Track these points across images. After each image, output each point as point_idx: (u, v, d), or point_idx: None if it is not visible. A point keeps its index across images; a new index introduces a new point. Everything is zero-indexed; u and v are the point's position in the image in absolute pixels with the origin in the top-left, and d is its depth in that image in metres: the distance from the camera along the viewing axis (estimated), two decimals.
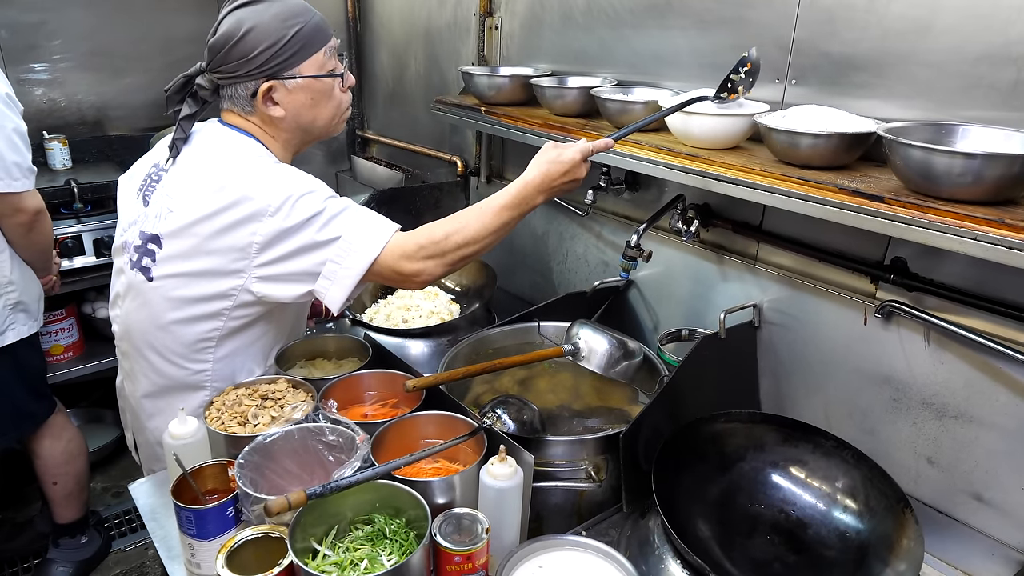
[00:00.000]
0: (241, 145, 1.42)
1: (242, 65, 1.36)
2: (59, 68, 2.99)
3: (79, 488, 2.39)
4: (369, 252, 1.31)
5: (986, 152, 1.06)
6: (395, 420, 1.30)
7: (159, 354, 1.46)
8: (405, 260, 1.33)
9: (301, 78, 1.39)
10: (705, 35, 1.66)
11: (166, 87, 1.43)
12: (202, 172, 1.38)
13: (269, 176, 1.35)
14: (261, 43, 1.34)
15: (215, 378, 1.48)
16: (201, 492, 1.21)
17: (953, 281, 1.32)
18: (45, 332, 2.57)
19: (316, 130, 1.49)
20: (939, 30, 1.25)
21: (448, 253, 1.35)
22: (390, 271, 1.34)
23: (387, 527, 1.11)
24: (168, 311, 1.41)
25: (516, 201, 1.39)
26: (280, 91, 1.40)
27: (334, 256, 1.32)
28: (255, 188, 1.32)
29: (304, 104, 1.42)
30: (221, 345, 1.45)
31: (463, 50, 2.52)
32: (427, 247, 1.34)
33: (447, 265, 1.37)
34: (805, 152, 1.30)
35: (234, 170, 1.36)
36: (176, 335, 1.43)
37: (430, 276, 1.36)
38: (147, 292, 1.42)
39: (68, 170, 2.90)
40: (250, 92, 1.40)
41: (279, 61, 1.36)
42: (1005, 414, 1.27)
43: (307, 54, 1.38)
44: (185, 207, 1.36)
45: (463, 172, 2.58)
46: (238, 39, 1.34)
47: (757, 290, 1.65)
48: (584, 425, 1.56)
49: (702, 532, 1.28)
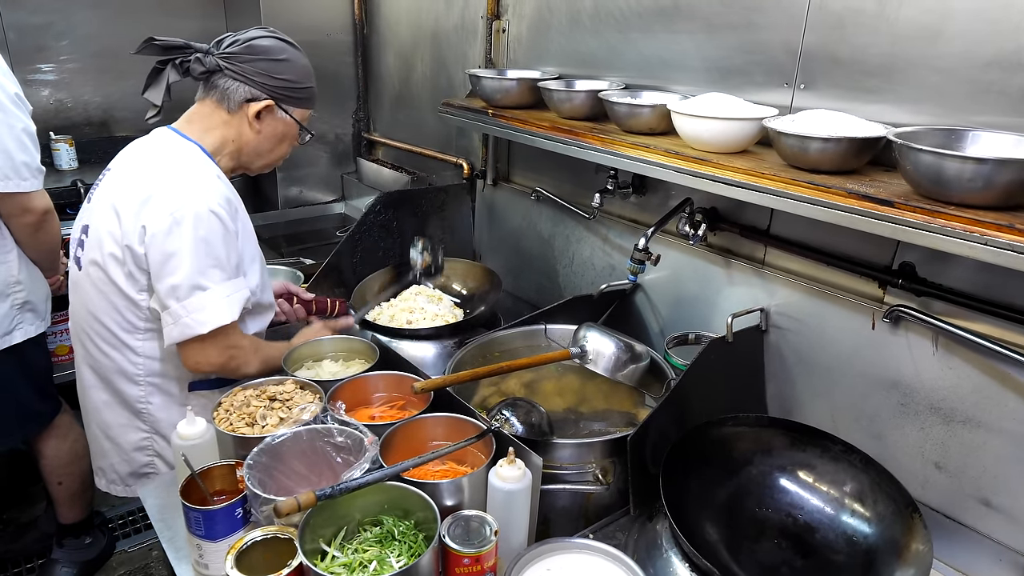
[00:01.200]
0: (187, 153, 1.51)
1: (263, 76, 1.52)
2: (66, 69, 3.01)
3: (83, 488, 2.39)
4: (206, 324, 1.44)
5: (997, 157, 1.06)
6: (403, 422, 1.31)
7: (91, 342, 1.58)
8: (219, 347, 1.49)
9: (290, 117, 1.59)
10: (713, 39, 1.67)
11: (158, 37, 1.49)
12: (141, 174, 1.49)
13: (172, 199, 1.43)
14: (288, 73, 1.55)
15: (146, 372, 1.58)
16: (209, 493, 1.21)
17: (961, 286, 1.32)
18: (51, 332, 2.56)
19: (259, 162, 1.65)
20: (949, 35, 1.25)
21: (245, 363, 1.54)
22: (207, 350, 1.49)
23: (396, 529, 1.11)
24: (93, 297, 1.54)
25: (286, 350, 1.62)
26: (271, 115, 1.57)
27: (177, 309, 1.44)
28: (156, 208, 1.42)
29: (275, 135, 1.60)
30: (148, 338, 1.55)
31: (470, 53, 2.53)
32: (242, 345, 1.53)
33: (231, 369, 1.54)
34: (814, 156, 1.30)
35: (169, 181, 1.45)
36: (102, 321, 1.54)
37: (220, 368, 1.53)
38: (79, 281, 1.57)
39: (74, 170, 2.91)
40: (247, 97, 1.53)
41: (288, 95, 1.57)
42: (1014, 419, 1.27)
43: (306, 104, 1.62)
44: (114, 197, 1.48)
45: (469, 175, 2.58)
46: (276, 58, 1.53)
47: (764, 294, 1.65)
48: (591, 428, 1.56)
49: (710, 536, 1.28)
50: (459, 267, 2.32)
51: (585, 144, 1.72)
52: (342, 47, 3.20)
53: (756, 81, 1.59)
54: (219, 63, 1.50)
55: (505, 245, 2.51)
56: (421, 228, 2.49)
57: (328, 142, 3.32)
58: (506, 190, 2.47)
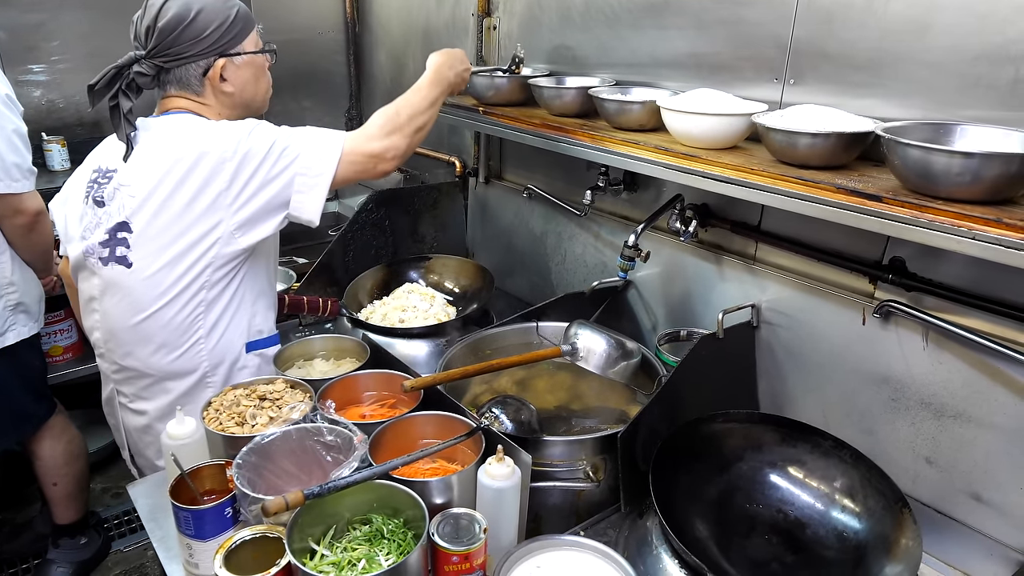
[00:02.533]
0: (184, 120, 1.48)
1: (195, 44, 1.45)
2: (57, 70, 2.99)
3: (79, 489, 2.39)
4: (332, 152, 1.42)
5: (984, 151, 1.06)
6: (393, 420, 1.31)
7: (151, 341, 1.48)
8: (372, 141, 1.47)
9: (245, 54, 1.52)
10: (703, 35, 1.66)
11: (92, 81, 1.44)
12: (155, 152, 1.44)
13: (215, 129, 1.43)
14: (212, 22, 1.46)
15: (209, 348, 1.51)
16: (199, 492, 1.21)
17: (951, 281, 1.32)
18: (45, 333, 2.57)
19: (255, 105, 1.60)
20: (937, 29, 1.25)
21: (405, 125, 1.51)
22: (361, 156, 1.45)
23: (385, 527, 1.11)
24: (152, 294, 1.45)
25: (436, 78, 1.62)
26: (230, 68, 1.51)
27: (301, 169, 1.42)
28: (207, 143, 1.40)
29: (248, 80, 1.55)
30: (208, 315, 1.49)
31: None
32: (386, 124, 1.48)
33: (407, 137, 1.51)
34: (803, 152, 1.30)
35: (184, 138, 1.43)
36: (164, 317, 1.46)
37: (397, 151, 1.49)
38: (128, 281, 1.46)
39: (67, 171, 2.89)
40: (201, 71, 1.49)
41: (228, 39, 1.49)
42: (1004, 414, 1.27)
43: (247, 32, 1.53)
44: (148, 187, 1.42)
45: (462, 173, 2.58)
46: (190, 20, 1.43)
47: (755, 290, 1.65)
48: (582, 425, 1.56)
49: (700, 532, 1.28)
50: (452, 264, 2.32)
51: (575, 141, 1.72)
52: (334, 45, 3.19)
53: (746, 77, 1.59)
54: (155, 63, 1.45)
55: (498, 243, 2.51)
56: (415, 226, 2.49)
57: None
58: (498, 188, 2.47)
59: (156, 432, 1.56)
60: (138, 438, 1.62)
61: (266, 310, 1.62)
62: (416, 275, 2.30)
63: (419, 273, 2.31)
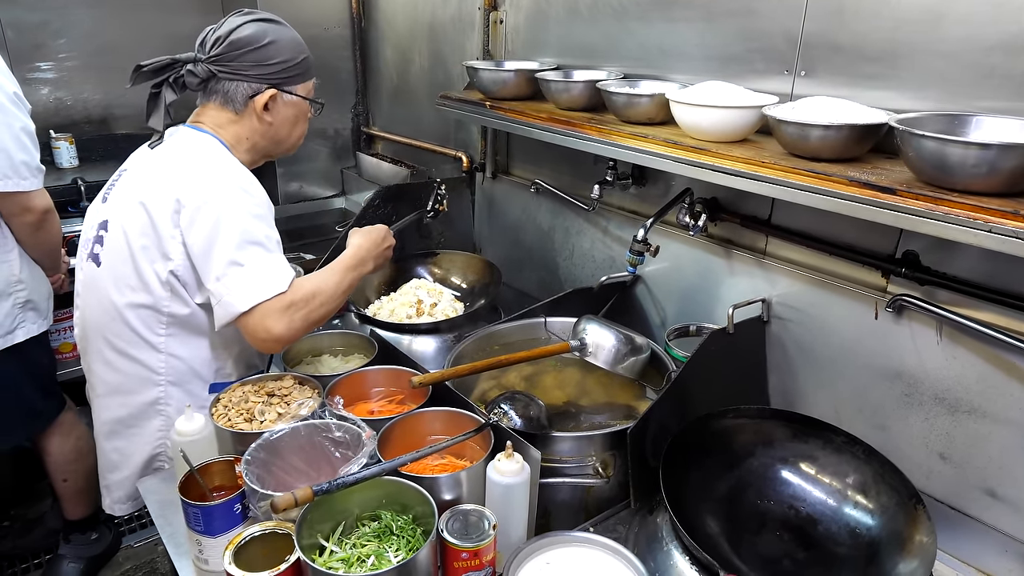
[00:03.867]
0: (207, 144, 1.49)
1: (257, 67, 1.48)
2: (65, 67, 3.00)
3: (89, 485, 2.39)
4: (245, 301, 1.36)
5: (1001, 142, 1.04)
6: (401, 416, 1.30)
7: (111, 345, 1.51)
8: (279, 319, 1.37)
9: (296, 96, 1.55)
10: (712, 27, 1.64)
11: (143, 63, 1.46)
12: (166, 166, 1.46)
13: (223, 180, 1.42)
14: (280, 54, 1.50)
15: (168, 372, 1.52)
16: (208, 488, 1.21)
17: (966, 274, 1.30)
18: (54, 330, 2.57)
19: (282, 147, 1.62)
20: (952, 19, 1.23)
21: (314, 312, 1.43)
22: (260, 328, 1.37)
23: (394, 523, 1.11)
24: (115, 295, 1.47)
25: (354, 262, 1.59)
26: (277, 101, 1.53)
27: (216, 291, 1.38)
28: (211, 183, 1.40)
29: (288, 120, 1.57)
30: (171, 336, 1.49)
31: (467, 45, 2.51)
32: (296, 303, 1.40)
33: (308, 325, 1.43)
34: (815, 144, 1.28)
35: (197, 167, 1.43)
36: (124, 321, 1.48)
37: (291, 337, 1.40)
38: (98, 278, 1.50)
39: (75, 168, 2.91)
40: (250, 93, 1.50)
41: (287, 75, 1.52)
42: (1020, 409, 1.25)
43: (306, 77, 1.58)
44: (130, 193, 1.45)
45: (469, 168, 2.57)
46: (262, 45, 1.47)
47: (766, 284, 1.63)
48: (591, 421, 1.55)
49: (711, 528, 1.27)
50: (459, 260, 2.31)
51: (583, 135, 1.71)
52: (340, 41, 3.19)
53: (756, 69, 1.57)
54: (210, 69, 1.47)
55: (505, 238, 2.50)
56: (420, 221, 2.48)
57: (328, 137, 3.30)
58: (505, 183, 2.46)
59: (101, 450, 1.63)
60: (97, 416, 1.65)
61: (240, 354, 1.60)
62: (423, 271, 2.30)
63: (426, 269, 2.30)
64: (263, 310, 1.36)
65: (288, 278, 1.39)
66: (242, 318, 1.37)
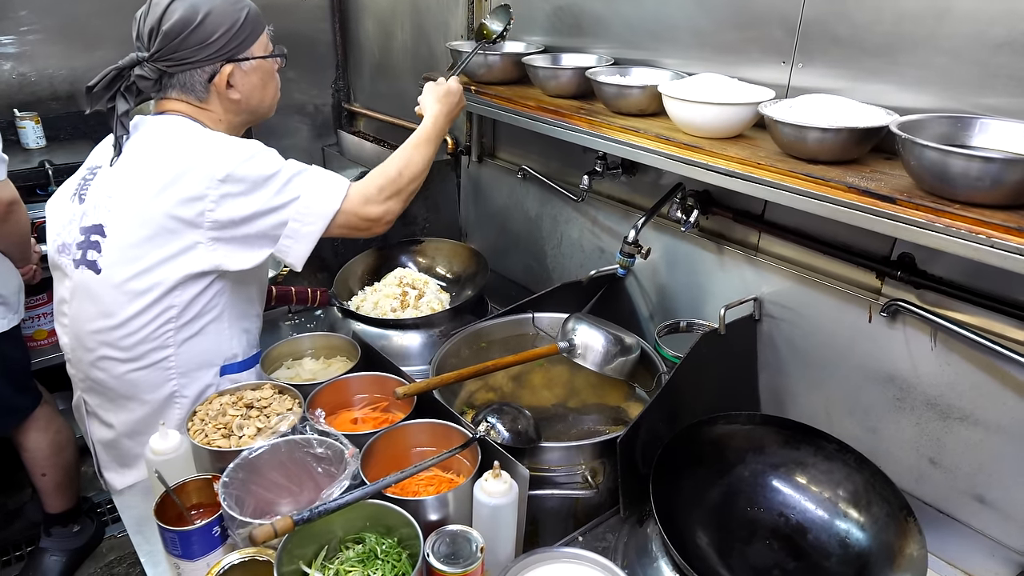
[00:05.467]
0: (183, 125, 1.41)
1: (202, 50, 1.37)
2: (28, 40, 2.84)
3: (69, 479, 2.36)
4: (330, 205, 1.38)
5: (1005, 156, 1.00)
6: (385, 430, 1.26)
7: (117, 350, 1.42)
8: (370, 205, 1.43)
9: (254, 59, 1.45)
10: (705, 11, 1.57)
11: (89, 83, 1.35)
12: (140, 156, 1.38)
13: (209, 143, 1.36)
14: (220, 26, 1.37)
15: (179, 365, 1.44)
16: (185, 508, 1.17)
17: (962, 280, 1.28)
18: (28, 318, 2.50)
19: (261, 111, 1.53)
20: (958, 15, 1.17)
21: (404, 189, 1.48)
22: (357, 218, 1.43)
23: (378, 547, 1.08)
24: (120, 301, 1.38)
25: (435, 133, 1.59)
26: (237, 74, 1.44)
27: (295, 215, 1.37)
28: (196, 158, 1.33)
29: (256, 86, 1.48)
30: (180, 330, 1.42)
31: (452, 21, 2.40)
32: (387, 188, 1.45)
33: (404, 201, 1.50)
34: (813, 146, 1.23)
35: (173, 147, 1.36)
36: (131, 327, 1.39)
37: (392, 216, 1.48)
38: (96, 287, 1.39)
39: (42, 149, 2.78)
40: (207, 77, 1.41)
41: (236, 44, 1.41)
42: (1012, 418, 1.24)
43: (256, 35, 1.45)
44: (126, 192, 1.36)
45: (454, 150, 2.49)
46: (197, 24, 1.35)
47: (757, 281, 1.60)
48: (580, 424, 1.52)
49: (701, 539, 1.26)
50: (445, 248, 2.26)
51: (572, 126, 1.64)
52: (318, 12, 3.05)
53: (752, 58, 1.51)
54: (159, 67, 1.37)
55: (491, 224, 2.44)
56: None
57: (307, 113, 3.19)
58: (492, 167, 2.39)
59: (123, 448, 1.53)
60: (103, 451, 1.57)
61: (244, 334, 1.54)
62: (407, 259, 2.24)
63: (411, 258, 2.24)
64: (352, 202, 1.39)
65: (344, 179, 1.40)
66: (338, 219, 1.38)
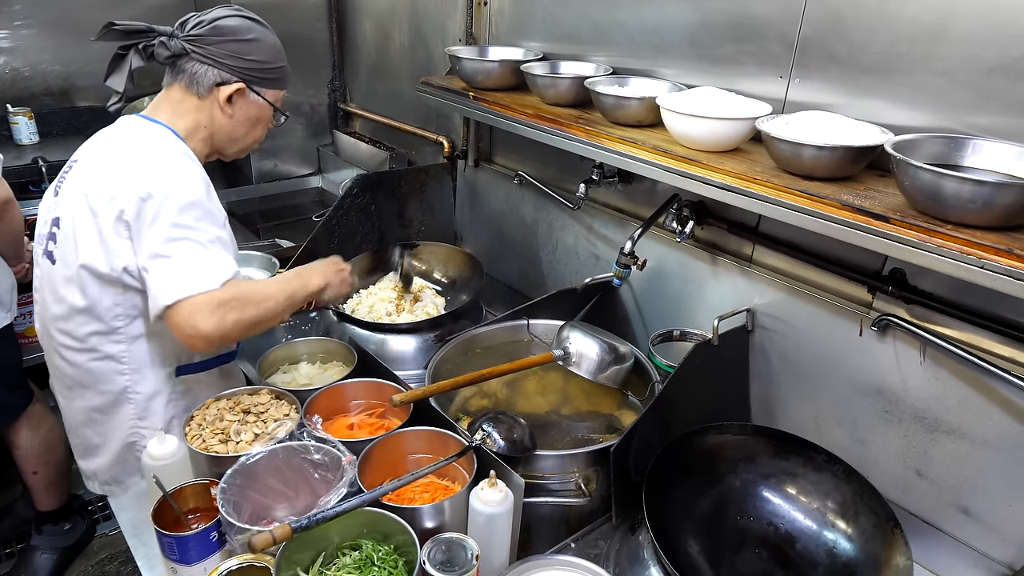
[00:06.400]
0: (157, 136, 1.43)
1: (231, 58, 1.44)
2: (21, 35, 2.83)
3: (60, 477, 2.35)
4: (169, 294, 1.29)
5: (997, 180, 1.03)
6: (382, 437, 1.28)
7: (72, 339, 1.47)
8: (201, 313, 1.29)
9: (263, 99, 1.52)
10: (704, 24, 1.59)
11: (118, 22, 1.40)
12: (110, 157, 1.42)
13: (168, 168, 1.37)
14: (259, 53, 1.47)
15: (131, 361, 1.48)
16: (182, 512, 1.18)
17: (951, 296, 1.30)
18: (21, 314, 2.49)
19: (235, 146, 1.57)
20: (953, 37, 1.19)
21: (247, 314, 1.34)
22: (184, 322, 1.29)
23: (375, 554, 1.09)
24: (71, 294, 1.43)
25: (298, 272, 1.55)
26: (242, 97, 1.49)
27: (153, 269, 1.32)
28: (150, 175, 1.35)
29: (248, 119, 1.53)
30: (130, 325, 1.45)
31: (450, 25, 2.41)
32: (230, 303, 1.32)
33: (242, 327, 1.34)
34: (808, 163, 1.25)
35: (139, 159, 1.38)
36: (81, 319, 1.44)
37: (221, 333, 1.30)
38: (54, 277, 1.46)
39: (35, 145, 2.77)
40: (217, 81, 1.45)
41: (259, 76, 1.49)
42: (997, 433, 1.26)
43: (278, 86, 1.55)
44: (81, 187, 1.40)
45: (450, 153, 2.49)
46: (244, 39, 1.45)
47: (750, 292, 1.62)
48: (574, 431, 1.54)
49: (692, 548, 1.28)
50: (440, 252, 2.26)
51: (570, 136, 1.65)
52: (314, 11, 3.05)
53: (749, 72, 1.52)
54: (185, 46, 1.42)
55: (487, 228, 2.45)
56: (400, 210, 2.42)
57: (303, 113, 3.19)
58: (488, 172, 2.40)
59: (83, 436, 1.59)
60: (69, 436, 1.64)
61: None
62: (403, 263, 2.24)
63: (406, 260, 2.24)
64: (190, 305, 1.28)
65: (221, 277, 1.31)
66: (168, 312, 1.29)
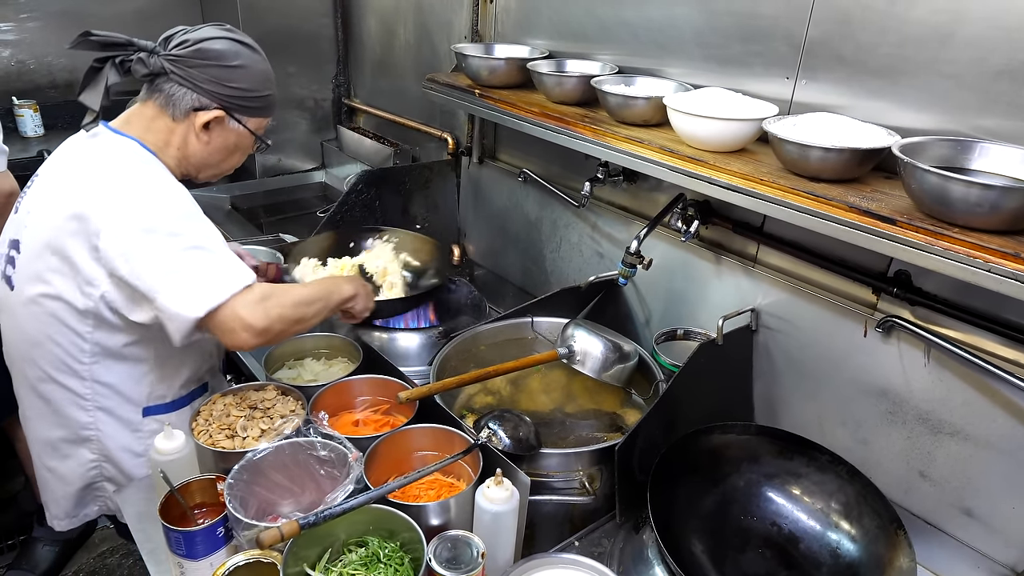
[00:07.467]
0: (125, 151, 1.34)
1: (213, 84, 1.35)
2: (27, 28, 2.83)
3: None
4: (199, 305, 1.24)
5: (1004, 184, 1.03)
6: (388, 434, 1.28)
7: (34, 371, 1.41)
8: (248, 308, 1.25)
9: (243, 127, 1.43)
10: (711, 23, 1.59)
11: (95, 32, 1.31)
12: (78, 176, 1.32)
13: (146, 184, 1.30)
14: (242, 82, 1.38)
15: (95, 400, 1.42)
16: (189, 507, 1.19)
17: (956, 298, 1.30)
18: None
19: (208, 171, 1.48)
20: (961, 40, 1.20)
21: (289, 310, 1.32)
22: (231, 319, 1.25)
23: (381, 551, 1.10)
24: (29, 321, 1.36)
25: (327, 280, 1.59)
26: (220, 124, 1.40)
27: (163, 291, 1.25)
28: (127, 194, 1.27)
29: (225, 147, 1.44)
30: (96, 363, 1.38)
31: (455, 21, 2.41)
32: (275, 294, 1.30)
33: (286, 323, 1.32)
34: (815, 164, 1.25)
35: (112, 177, 1.29)
36: (42, 350, 1.38)
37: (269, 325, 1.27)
38: (12, 303, 1.39)
39: (40, 138, 2.78)
40: (194, 106, 1.36)
41: (242, 104, 1.40)
42: (1001, 435, 1.27)
43: (261, 115, 1.46)
44: (46, 209, 1.32)
45: (454, 150, 2.49)
46: (229, 64, 1.35)
47: (755, 292, 1.62)
48: (577, 429, 1.55)
49: (695, 547, 1.28)
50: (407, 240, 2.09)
51: (576, 134, 1.65)
52: (320, 7, 3.04)
53: (755, 72, 1.52)
54: (165, 66, 1.32)
55: (491, 225, 2.45)
56: (404, 206, 2.42)
57: (307, 108, 3.19)
58: (492, 169, 2.40)
59: (36, 468, 1.54)
60: None
61: (174, 376, 1.48)
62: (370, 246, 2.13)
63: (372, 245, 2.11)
64: (235, 303, 1.23)
65: (248, 275, 1.27)
66: (212, 316, 1.22)
